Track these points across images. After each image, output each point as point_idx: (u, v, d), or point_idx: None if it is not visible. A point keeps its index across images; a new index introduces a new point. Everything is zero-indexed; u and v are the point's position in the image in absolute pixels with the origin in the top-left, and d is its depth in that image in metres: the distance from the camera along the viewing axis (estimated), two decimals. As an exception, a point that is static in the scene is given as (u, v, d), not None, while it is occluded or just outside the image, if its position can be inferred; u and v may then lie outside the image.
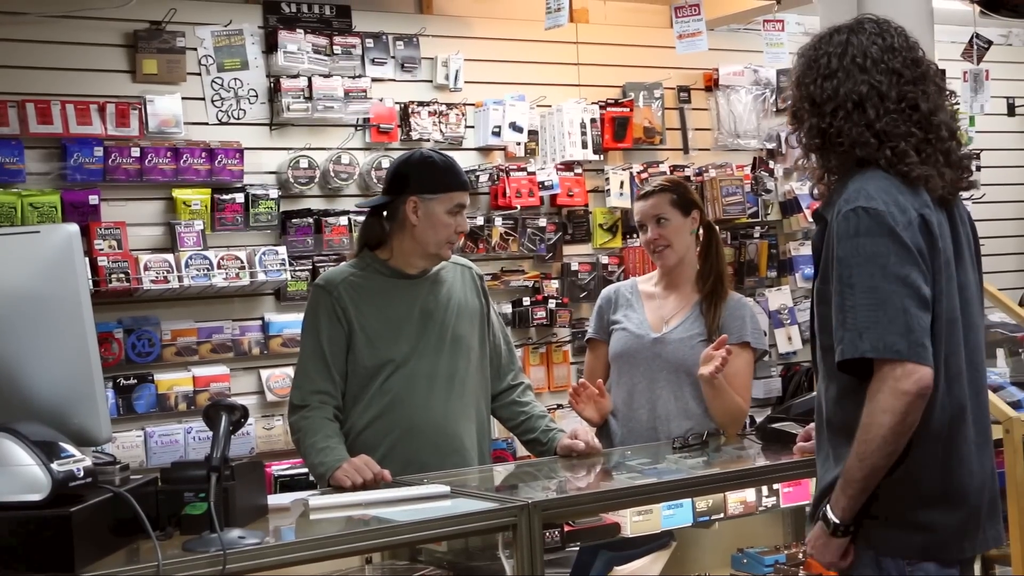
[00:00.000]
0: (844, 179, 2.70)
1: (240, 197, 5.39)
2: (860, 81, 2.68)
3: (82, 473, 2.47)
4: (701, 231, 4.09)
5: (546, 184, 6.12)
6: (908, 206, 2.61)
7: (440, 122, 5.94)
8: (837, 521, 2.63)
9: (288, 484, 5.07)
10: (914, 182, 2.65)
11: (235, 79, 5.52)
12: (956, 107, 2.83)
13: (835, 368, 2.63)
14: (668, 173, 6.26)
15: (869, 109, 2.67)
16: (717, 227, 4.22)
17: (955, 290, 2.68)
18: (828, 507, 2.65)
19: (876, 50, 2.70)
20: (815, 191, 2.85)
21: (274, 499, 3.10)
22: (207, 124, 5.45)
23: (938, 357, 2.59)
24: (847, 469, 2.60)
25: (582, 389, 3.95)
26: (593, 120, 6.30)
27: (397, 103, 5.86)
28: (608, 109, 6.37)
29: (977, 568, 3.01)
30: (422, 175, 3.64)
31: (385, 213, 3.73)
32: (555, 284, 6.22)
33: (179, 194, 5.30)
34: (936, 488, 2.63)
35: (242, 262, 5.31)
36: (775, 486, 3.49)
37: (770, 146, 6.87)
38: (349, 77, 5.69)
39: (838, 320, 2.59)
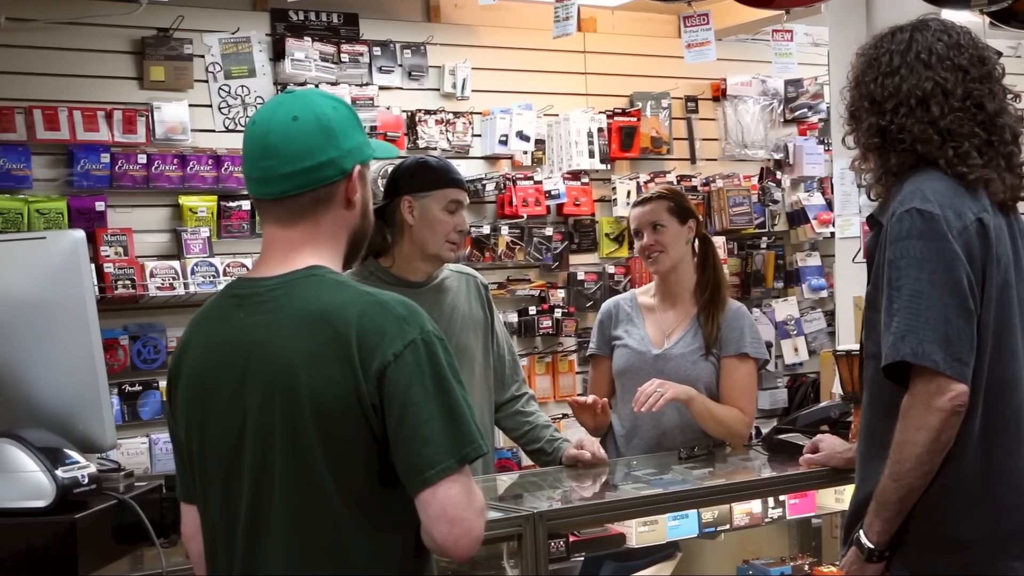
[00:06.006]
0: (900, 181, 2.59)
1: (246, 204, 5.38)
2: (924, 78, 2.57)
3: (86, 480, 2.46)
4: (697, 243, 4.05)
5: (553, 193, 6.12)
6: (965, 210, 2.51)
7: (447, 130, 5.93)
8: (872, 547, 2.53)
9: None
10: (973, 184, 2.55)
11: (242, 86, 5.52)
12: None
13: (876, 376, 2.55)
14: (675, 183, 6.25)
15: (933, 106, 2.56)
16: (712, 237, 4.18)
17: (1012, 298, 2.56)
18: (862, 532, 2.55)
19: (942, 47, 2.59)
20: (872, 193, 2.72)
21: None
22: (214, 131, 5.45)
23: (980, 366, 2.49)
24: (881, 491, 2.50)
25: (588, 404, 3.87)
26: (600, 129, 6.30)
27: (404, 111, 5.86)
28: (615, 118, 6.36)
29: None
30: (416, 175, 3.63)
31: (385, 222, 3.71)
32: (561, 293, 6.21)
33: (185, 201, 5.30)
34: (975, 503, 2.51)
35: (248, 269, 5.29)
36: (781, 497, 3.47)
37: (777, 156, 6.87)
38: (356, 85, 5.69)
39: (885, 323, 2.50)
